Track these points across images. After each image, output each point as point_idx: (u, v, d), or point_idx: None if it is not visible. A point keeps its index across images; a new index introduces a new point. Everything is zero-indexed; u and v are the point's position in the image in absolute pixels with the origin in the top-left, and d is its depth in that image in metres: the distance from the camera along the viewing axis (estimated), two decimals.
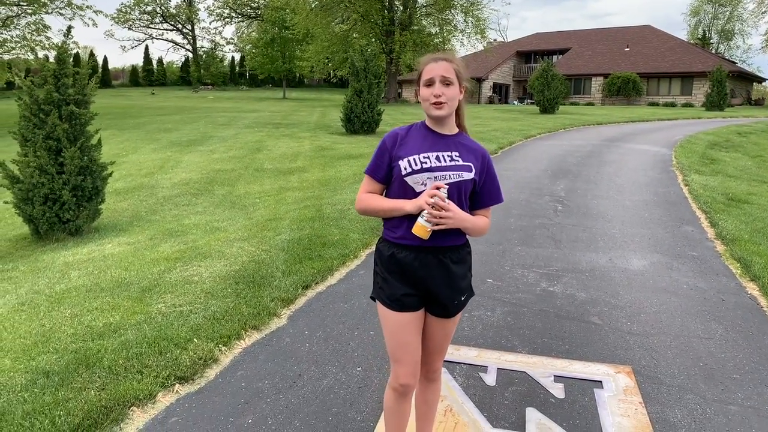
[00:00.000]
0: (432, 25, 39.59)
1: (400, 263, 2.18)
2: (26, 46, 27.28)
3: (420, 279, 2.18)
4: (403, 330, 2.21)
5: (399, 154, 2.18)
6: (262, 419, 2.92)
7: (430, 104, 2.15)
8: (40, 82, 6.88)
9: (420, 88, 2.20)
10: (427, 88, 2.16)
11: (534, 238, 6.32)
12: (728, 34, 64.68)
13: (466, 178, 2.16)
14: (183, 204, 8.57)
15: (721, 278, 5.14)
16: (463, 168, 2.17)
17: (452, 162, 2.16)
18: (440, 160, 2.16)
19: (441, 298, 2.21)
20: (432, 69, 2.15)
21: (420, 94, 2.20)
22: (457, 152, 2.19)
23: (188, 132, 17.72)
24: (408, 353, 2.23)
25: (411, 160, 2.15)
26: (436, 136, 2.21)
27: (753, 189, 9.47)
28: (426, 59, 2.21)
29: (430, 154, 2.16)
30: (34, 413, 2.87)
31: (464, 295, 2.26)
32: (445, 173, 2.14)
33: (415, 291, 2.20)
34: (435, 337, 2.32)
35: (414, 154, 2.16)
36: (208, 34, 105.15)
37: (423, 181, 2.13)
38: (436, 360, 2.38)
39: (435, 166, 2.14)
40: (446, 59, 2.18)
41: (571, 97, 45.45)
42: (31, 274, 5.60)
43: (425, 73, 2.17)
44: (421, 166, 2.14)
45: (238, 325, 3.95)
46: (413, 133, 2.24)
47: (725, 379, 3.38)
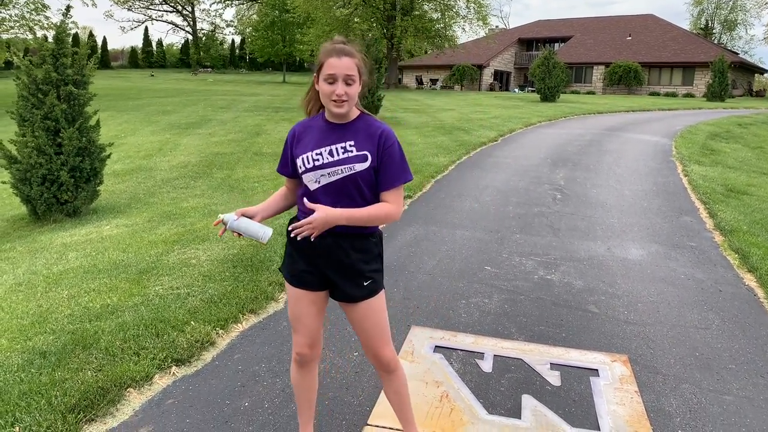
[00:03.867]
0: (434, 11, 39.37)
1: (300, 244, 2.19)
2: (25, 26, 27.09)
3: (317, 260, 2.22)
4: (299, 304, 2.30)
5: (296, 151, 2.20)
6: (258, 402, 2.92)
7: (331, 101, 2.09)
8: (38, 61, 6.82)
9: (319, 79, 2.11)
10: (328, 85, 2.07)
11: (532, 226, 6.32)
12: (731, 25, 64.35)
13: (359, 170, 2.12)
14: (181, 187, 8.54)
15: (718, 269, 5.15)
16: (357, 159, 2.13)
17: (345, 154, 2.13)
18: (333, 154, 2.14)
19: (339, 282, 2.23)
20: (334, 65, 2.05)
21: (319, 87, 2.12)
22: (353, 141, 2.15)
23: (187, 114, 17.65)
24: (303, 325, 2.33)
25: (305, 158, 2.16)
26: (332, 128, 2.18)
27: (752, 180, 9.47)
28: (328, 50, 2.09)
29: (323, 149, 2.15)
30: (30, 393, 2.87)
31: (367, 282, 2.22)
32: (336, 168, 2.12)
33: (314, 270, 2.24)
34: (359, 326, 2.30)
35: (308, 150, 2.16)
36: (208, 16, 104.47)
37: (316, 179, 2.15)
38: (380, 350, 2.30)
39: (327, 162, 2.13)
40: (349, 54, 2.08)
41: (572, 86, 45.27)
42: (29, 254, 5.59)
43: (327, 68, 2.06)
44: (313, 164, 2.14)
45: (236, 308, 3.95)
46: (312, 126, 2.22)
47: (721, 369, 3.39)
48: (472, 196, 7.72)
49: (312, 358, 2.40)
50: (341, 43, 2.12)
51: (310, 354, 2.37)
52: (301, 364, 2.39)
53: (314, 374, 2.46)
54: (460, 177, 8.99)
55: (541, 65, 29.03)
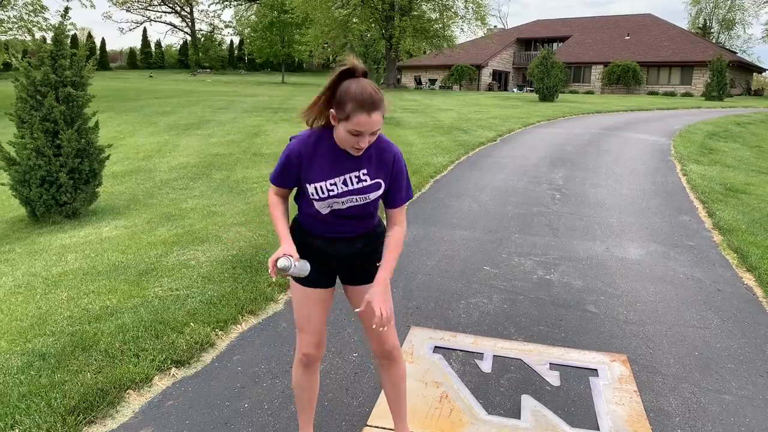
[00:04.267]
0: (432, 11, 39.33)
1: (311, 246, 2.24)
2: (23, 27, 27.08)
3: (332, 259, 2.26)
4: (308, 303, 2.31)
5: (307, 176, 2.13)
6: (257, 403, 2.93)
7: (351, 147, 2.03)
8: (37, 63, 6.82)
9: (340, 124, 1.99)
10: (351, 136, 1.98)
11: (531, 226, 6.32)
12: (729, 24, 64.36)
13: (372, 198, 2.17)
14: (180, 188, 8.54)
15: (717, 268, 5.15)
16: (372, 188, 2.15)
17: (359, 184, 2.13)
18: (347, 183, 2.12)
19: (351, 269, 2.30)
20: (363, 124, 1.94)
21: (338, 133, 2.02)
22: (366, 169, 2.12)
23: (186, 115, 17.64)
24: (311, 324, 2.33)
25: (318, 188, 2.12)
26: (343, 156, 2.10)
27: (751, 179, 9.47)
28: (358, 101, 1.92)
29: (337, 179, 2.11)
30: (30, 395, 2.87)
31: (378, 262, 2.25)
32: (350, 197, 2.14)
33: (326, 268, 2.27)
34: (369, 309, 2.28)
35: (321, 180, 2.11)
36: (206, 17, 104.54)
37: (329, 205, 2.16)
38: (387, 338, 2.34)
39: (341, 192, 2.12)
40: (378, 108, 1.95)
41: (570, 85, 45.26)
42: (28, 256, 5.58)
43: (354, 123, 1.94)
44: (328, 194, 2.12)
45: (235, 309, 3.96)
46: (321, 150, 2.11)
47: (720, 369, 3.39)
48: (471, 196, 7.72)
49: (317, 358, 2.41)
50: (370, 94, 1.94)
51: (317, 354, 2.38)
52: (306, 364, 2.39)
53: (317, 375, 2.47)
54: (459, 177, 8.99)
55: (539, 65, 29.03)
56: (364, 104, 1.93)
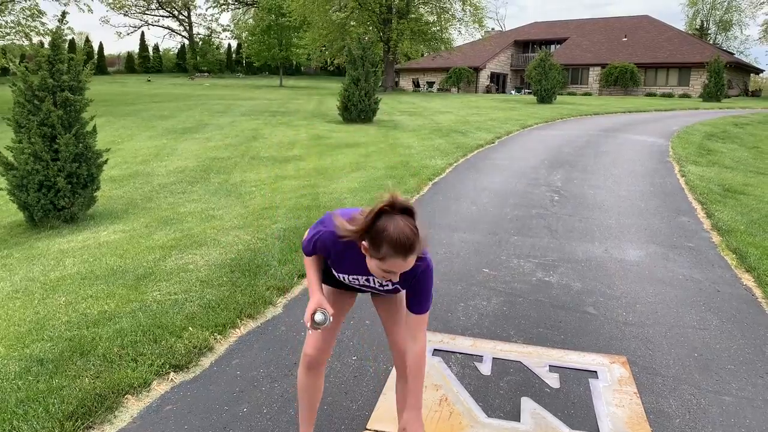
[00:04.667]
0: (430, 14, 39.39)
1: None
2: (21, 32, 27.04)
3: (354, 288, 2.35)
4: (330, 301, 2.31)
5: (332, 264, 2.21)
6: (256, 408, 2.92)
7: (381, 276, 1.97)
8: (34, 68, 6.82)
9: (373, 260, 1.91)
10: (383, 272, 1.92)
11: (530, 228, 6.32)
12: (726, 25, 64.49)
13: (392, 294, 2.34)
14: (179, 192, 8.53)
15: (716, 269, 5.15)
16: (392, 291, 2.25)
17: (381, 287, 2.22)
18: (370, 281, 2.20)
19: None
20: (398, 265, 1.88)
21: (371, 265, 1.94)
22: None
23: (184, 119, 17.64)
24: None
25: (342, 277, 2.23)
26: None
27: (749, 180, 9.48)
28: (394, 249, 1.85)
29: (360, 277, 2.18)
30: (27, 401, 2.86)
31: None
32: (372, 290, 2.27)
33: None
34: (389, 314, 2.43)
35: (345, 273, 2.19)
36: (204, 20, 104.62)
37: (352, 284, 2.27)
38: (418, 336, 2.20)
39: (363, 285, 2.23)
40: (414, 251, 1.88)
41: (568, 87, 45.32)
42: (26, 261, 5.57)
43: (389, 265, 1.88)
44: (351, 282, 2.24)
45: (234, 313, 3.95)
46: (350, 254, 2.08)
47: (720, 370, 3.38)
48: (469, 198, 7.72)
49: (322, 361, 2.40)
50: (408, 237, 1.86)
51: (321, 357, 2.38)
52: (309, 366, 2.38)
53: (321, 378, 2.46)
54: (458, 179, 8.99)
55: (537, 67, 29.06)
56: (401, 250, 1.85)
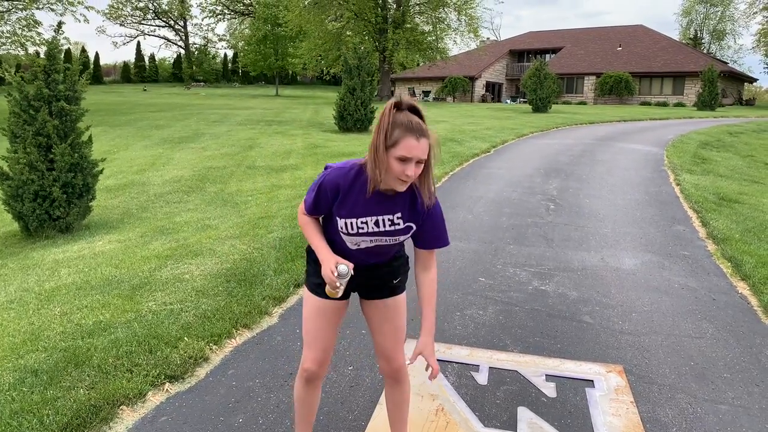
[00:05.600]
0: (425, 24, 39.57)
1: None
2: (16, 42, 27.06)
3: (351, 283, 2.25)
4: (321, 316, 2.29)
5: (338, 211, 2.10)
6: (252, 418, 2.90)
7: (398, 179, 1.98)
8: (30, 78, 6.81)
9: (389, 153, 1.95)
10: (398, 163, 1.94)
11: (526, 237, 6.33)
12: (720, 34, 65.00)
13: (402, 239, 2.19)
14: (174, 201, 8.52)
15: (712, 277, 5.16)
16: (402, 231, 2.14)
17: (392, 227, 2.11)
18: (379, 224, 2.10)
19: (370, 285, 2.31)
20: (411, 147, 1.92)
21: (388, 164, 1.96)
22: (400, 213, 2.10)
23: (180, 129, 17.64)
24: (318, 339, 2.31)
25: (348, 224, 2.10)
26: (380, 197, 2.08)
27: (744, 189, 9.52)
28: (405, 126, 1.93)
29: (368, 218, 2.09)
30: (22, 412, 2.84)
31: (397, 279, 2.33)
32: (380, 237, 2.13)
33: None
34: (383, 329, 2.35)
35: (353, 217, 2.09)
36: (200, 30, 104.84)
37: (357, 242, 2.16)
38: (394, 355, 2.36)
39: (371, 231, 2.11)
40: (426, 135, 1.96)
41: (563, 96, 45.55)
42: (21, 271, 5.55)
43: (402, 148, 1.92)
44: (357, 231, 2.11)
45: (230, 323, 3.93)
46: (358, 188, 2.08)
47: (716, 379, 3.39)
48: (465, 207, 7.73)
49: (320, 376, 2.38)
50: (418, 122, 1.95)
51: (319, 372, 2.35)
52: (308, 380, 2.36)
53: (318, 390, 2.44)
54: (454, 188, 9.00)
55: (532, 76, 29.21)
56: (412, 129, 1.93)
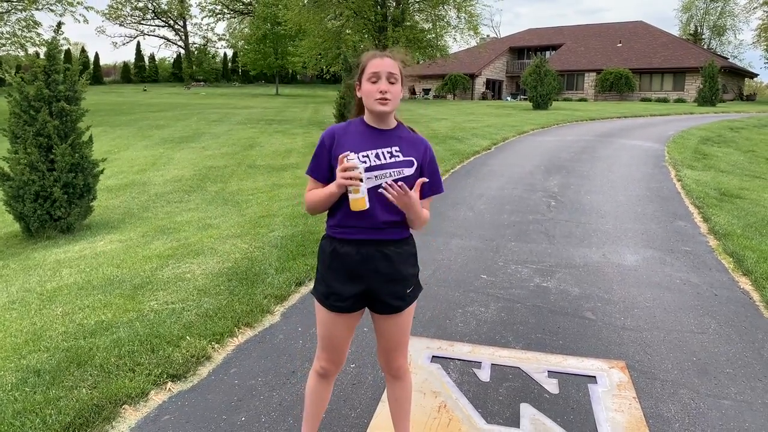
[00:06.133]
0: (425, 21, 39.50)
1: (341, 258, 2.18)
2: (16, 43, 27.07)
3: (361, 275, 2.18)
4: (333, 327, 2.27)
5: (338, 152, 2.12)
6: (255, 417, 2.90)
7: (375, 100, 2.11)
8: (30, 78, 6.82)
9: (362, 82, 2.16)
10: (371, 84, 2.12)
11: (527, 234, 6.32)
12: (720, 30, 64.91)
13: (407, 174, 2.15)
14: (175, 201, 8.52)
15: (713, 273, 5.15)
16: (404, 164, 2.16)
17: (392, 158, 2.15)
18: (380, 157, 2.14)
19: (383, 294, 2.21)
20: (377, 64, 2.13)
21: (362, 90, 2.16)
22: (398, 147, 2.18)
23: (180, 129, 17.64)
24: (332, 344, 2.31)
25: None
26: (375, 132, 2.19)
27: (745, 184, 9.50)
28: (369, 54, 2.18)
29: (369, 152, 2.14)
30: (24, 412, 2.85)
31: (410, 288, 2.26)
32: (384, 171, 2.13)
33: (354, 290, 2.19)
34: (388, 335, 2.31)
35: (356, 152, 2.12)
36: (200, 30, 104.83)
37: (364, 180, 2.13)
38: (396, 358, 2.35)
39: (374, 165, 2.12)
40: (391, 56, 2.16)
41: (563, 93, 45.48)
42: (22, 272, 5.55)
43: (369, 68, 2.14)
44: (361, 167, 2.11)
45: (231, 322, 3.93)
46: (352, 130, 2.20)
47: (718, 374, 3.38)
48: (466, 204, 7.72)
49: (335, 373, 2.40)
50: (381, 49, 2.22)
51: (335, 370, 2.38)
52: (322, 375, 2.38)
53: (331, 386, 2.45)
54: (455, 186, 9.00)
55: (532, 73, 29.18)
56: (376, 53, 2.17)
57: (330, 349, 2.31)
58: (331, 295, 2.21)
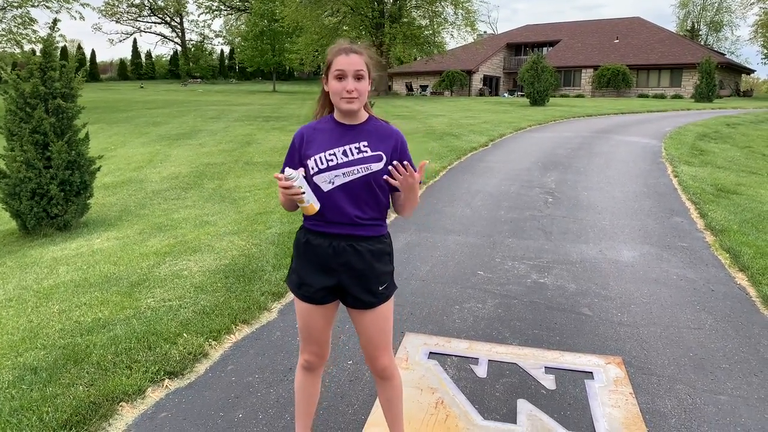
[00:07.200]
0: (422, 18, 39.50)
1: (314, 250, 2.19)
2: (12, 40, 27.01)
3: (333, 268, 2.18)
4: (309, 318, 2.29)
5: (307, 152, 2.16)
6: (252, 413, 2.90)
7: (342, 99, 2.10)
8: (26, 75, 6.80)
9: (329, 79, 2.13)
10: (338, 82, 2.09)
11: (524, 230, 6.33)
12: (717, 26, 64.94)
13: (375, 170, 2.14)
14: (172, 198, 8.51)
15: (710, 269, 5.16)
16: (372, 159, 2.14)
17: (360, 154, 2.14)
18: (347, 154, 2.13)
19: (354, 289, 2.20)
20: (343, 62, 2.09)
21: (329, 87, 2.14)
22: (366, 142, 2.16)
23: (177, 125, 17.61)
24: (312, 335, 2.32)
25: (317, 159, 2.13)
26: (343, 129, 2.18)
27: (742, 180, 9.52)
28: (335, 50, 2.13)
29: (336, 149, 2.13)
30: (21, 410, 2.84)
31: (383, 286, 2.24)
32: (352, 168, 2.12)
33: (327, 281, 2.20)
34: (365, 332, 2.30)
35: (321, 151, 2.14)
36: (196, 27, 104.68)
37: (330, 179, 2.12)
38: (379, 356, 2.32)
39: (342, 162, 2.12)
40: (357, 52, 2.12)
41: (561, 89, 45.49)
42: (19, 269, 5.55)
43: (335, 65, 2.10)
44: (327, 164, 2.12)
45: (228, 319, 3.93)
46: (321, 128, 2.20)
47: (715, 369, 3.39)
48: (463, 201, 7.73)
49: (319, 366, 2.42)
50: (347, 42, 2.16)
51: (318, 362, 2.40)
52: (307, 369, 2.41)
53: (318, 380, 2.47)
54: (452, 182, 9.00)
55: (529, 69, 29.17)
56: (342, 50, 2.12)
57: (310, 340, 2.33)
58: (303, 286, 2.23)
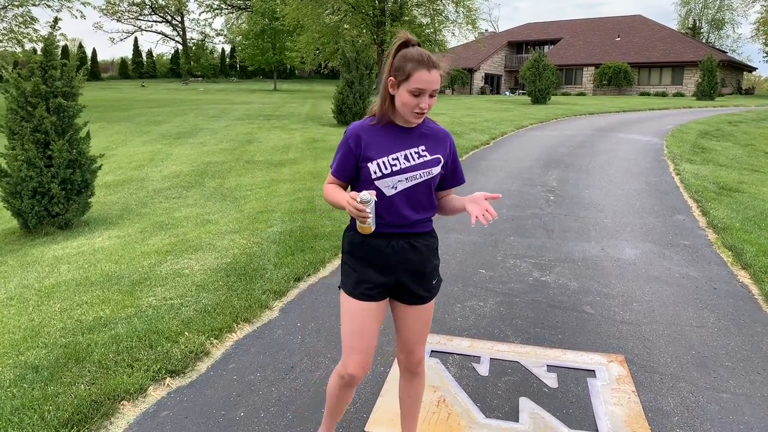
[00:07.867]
0: (423, 16, 39.42)
1: (372, 250, 2.16)
2: (13, 39, 27.01)
3: (392, 266, 2.17)
4: (365, 318, 2.18)
5: (367, 155, 2.10)
6: (254, 412, 2.90)
7: (413, 113, 2.05)
8: (27, 74, 6.79)
9: (401, 88, 2.03)
10: (412, 97, 2.01)
11: (526, 228, 6.32)
12: (718, 24, 64.82)
13: (435, 174, 2.16)
14: (173, 197, 8.51)
15: (712, 266, 5.15)
16: (432, 163, 2.15)
17: (420, 159, 2.13)
18: (409, 159, 2.12)
19: (412, 286, 2.20)
20: (425, 80, 1.99)
21: (401, 97, 2.04)
22: (424, 146, 2.15)
23: (178, 124, 17.61)
24: (363, 341, 2.19)
25: (381, 164, 2.10)
26: (401, 132, 2.14)
27: (744, 178, 9.50)
28: (417, 60, 2.00)
29: (398, 154, 2.11)
30: (23, 408, 2.84)
31: (435, 280, 2.26)
32: (414, 173, 2.12)
33: (384, 280, 2.18)
34: (412, 327, 2.28)
35: (383, 156, 2.10)
36: (197, 25, 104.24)
37: (393, 184, 2.10)
38: (419, 351, 2.34)
39: (405, 167, 2.11)
40: (437, 67, 2.02)
41: (562, 87, 45.47)
42: (20, 268, 5.54)
43: (415, 81, 1.99)
44: (391, 169, 2.10)
45: (230, 317, 3.93)
46: (377, 129, 2.14)
47: (717, 367, 3.38)
48: None
49: (360, 380, 2.27)
50: (428, 54, 2.03)
51: (362, 375, 2.24)
52: (347, 384, 2.27)
53: (353, 390, 2.37)
54: None
55: (531, 68, 29.17)
56: (424, 62, 2.00)
57: (358, 347, 2.19)
58: (361, 283, 2.17)
